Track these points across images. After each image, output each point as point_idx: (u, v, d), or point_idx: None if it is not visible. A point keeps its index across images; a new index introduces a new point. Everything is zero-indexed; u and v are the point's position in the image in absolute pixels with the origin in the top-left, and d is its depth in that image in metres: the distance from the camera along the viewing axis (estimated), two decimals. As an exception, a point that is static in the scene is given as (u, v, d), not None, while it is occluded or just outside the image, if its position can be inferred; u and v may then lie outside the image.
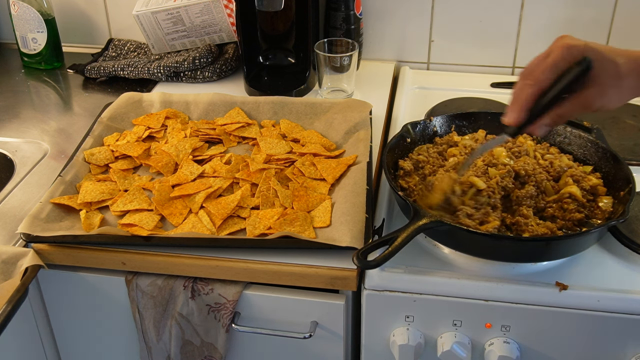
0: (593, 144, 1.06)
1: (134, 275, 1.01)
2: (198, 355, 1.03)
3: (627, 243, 0.95)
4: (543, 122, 0.85)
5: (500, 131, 1.12)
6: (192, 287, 0.99)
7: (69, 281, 1.04)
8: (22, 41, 1.54)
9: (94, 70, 1.48)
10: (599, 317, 0.90)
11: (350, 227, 0.95)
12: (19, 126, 1.33)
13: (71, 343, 1.12)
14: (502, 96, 1.37)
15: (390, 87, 1.44)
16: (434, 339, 0.96)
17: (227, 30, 1.46)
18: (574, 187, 0.98)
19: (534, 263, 0.94)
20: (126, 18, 1.59)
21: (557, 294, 0.90)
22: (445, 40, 1.51)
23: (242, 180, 1.09)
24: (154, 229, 1.00)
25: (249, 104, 1.28)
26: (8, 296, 0.89)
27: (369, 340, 1.00)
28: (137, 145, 1.17)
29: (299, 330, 0.99)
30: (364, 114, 1.22)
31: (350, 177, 1.08)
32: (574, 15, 1.43)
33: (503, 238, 0.91)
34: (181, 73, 1.45)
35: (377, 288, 0.94)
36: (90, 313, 1.07)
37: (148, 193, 1.07)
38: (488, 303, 0.92)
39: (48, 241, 0.98)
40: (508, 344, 0.93)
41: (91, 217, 1.02)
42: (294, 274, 0.95)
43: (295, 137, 1.20)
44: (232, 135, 1.22)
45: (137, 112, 1.28)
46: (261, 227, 0.99)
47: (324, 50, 1.31)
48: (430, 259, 0.96)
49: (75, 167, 1.12)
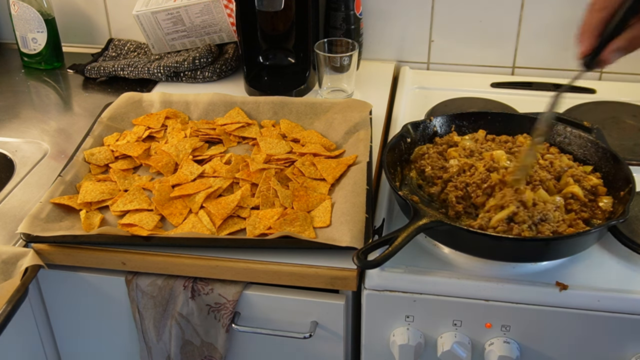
0: (593, 144, 1.06)
1: (134, 275, 1.01)
2: (198, 355, 1.03)
3: (627, 243, 0.95)
4: (615, 46, 0.81)
5: (501, 131, 1.14)
6: (192, 287, 0.99)
7: (69, 281, 1.04)
8: (22, 41, 1.54)
9: (94, 70, 1.48)
10: (599, 317, 0.90)
11: (350, 227, 0.95)
12: (19, 126, 1.33)
13: (71, 343, 1.12)
14: (502, 96, 1.37)
15: (390, 87, 1.44)
16: (434, 339, 0.96)
17: (227, 30, 1.46)
18: (575, 187, 0.98)
19: (534, 263, 0.94)
20: (126, 18, 1.59)
21: (557, 294, 0.90)
22: (445, 40, 1.51)
23: (242, 180, 1.09)
24: (154, 229, 1.00)
25: (249, 104, 1.28)
26: (8, 296, 0.89)
27: (369, 340, 1.00)
28: (137, 145, 1.17)
29: (298, 330, 0.99)
30: (364, 114, 1.22)
31: (350, 177, 1.08)
32: (574, 15, 1.42)
33: (503, 238, 0.91)
34: (181, 73, 1.45)
35: (377, 288, 0.94)
36: (90, 313, 1.07)
37: (148, 193, 1.07)
38: (488, 303, 0.92)
39: (48, 241, 0.98)
40: (508, 344, 0.93)
41: (91, 217, 1.02)
42: (294, 274, 0.95)
43: (295, 137, 1.20)
44: (232, 135, 1.22)
45: (137, 112, 1.28)
46: (261, 227, 0.99)
47: (324, 50, 1.31)
48: (430, 259, 0.96)
49: (75, 167, 1.12)
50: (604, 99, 1.37)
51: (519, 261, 0.93)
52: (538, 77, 1.47)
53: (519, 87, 1.43)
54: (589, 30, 0.82)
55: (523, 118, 1.14)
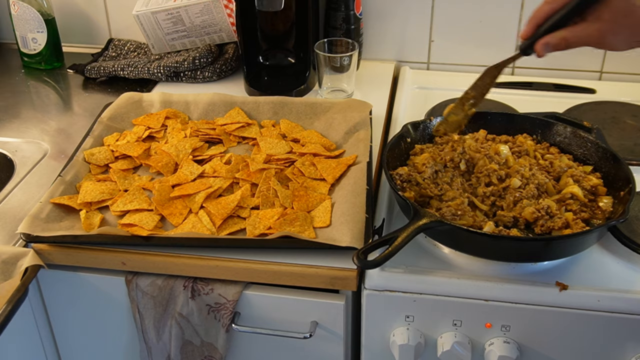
0: (593, 144, 1.06)
1: (134, 275, 1.01)
2: (198, 355, 1.03)
3: (627, 243, 0.95)
4: (545, 40, 0.86)
5: (501, 131, 1.14)
6: (192, 287, 0.99)
7: (69, 281, 1.04)
8: (22, 41, 1.54)
9: (94, 70, 1.48)
10: (599, 317, 0.90)
11: (350, 227, 0.95)
12: (19, 126, 1.33)
13: (71, 343, 1.12)
14: (502, 96, 1.37)
15: (390, 87, 1.44)
16: (434, 339, 0.96)
17: (227, 30, 1.46)
18: (575, 187, 0.98)
19: (534, 263, 0.94)
20: (126, 18, 1.59)
21: (557, 294, 0.90)
22: (445, 40, 1.51)
23: (242, 180, 1.09)
24: (154, 229, 1.00)
25: (249, 104, 1.28)
26: (8, 296, 0.89)
27: (369, 340, 1.00)
28: (137, 145, 1.17)
29: (299, 330, 0.99)
30: (364, 114, 1.22)
31: (350, 177, 1.08)
32: (574, 15, 1.43)
33: (503, 238, 0.91)
34: (181, 73, 1.45)
35: (377, 288, 0.94)
36: (90, 313, 1.07)
37: (148, 193, 1.07)
38: (488, 303, 0.92)
39: (48, 241, 0.98)
40: (508, 344, 0.93)
41: (91, 217, 1.02)
42: (294, 274, 0.95)
43: (295, 137, 1.20)
44: (232, 135, 1.22)
45: (137, 112, 1.28)
46: (261, 227, 0.99)
47: (324, 50, 1.31)
48: (430, 259, 0.96)
49: (75, 167, 1.12)
50: (604, 99, 1.38)
51: (519, 261, 0.93)
52: (538, 77, 1.47)
53: (519, 87, 1.43)
54: (534, 17, 0.87)
55: (523, 118, 1.14)
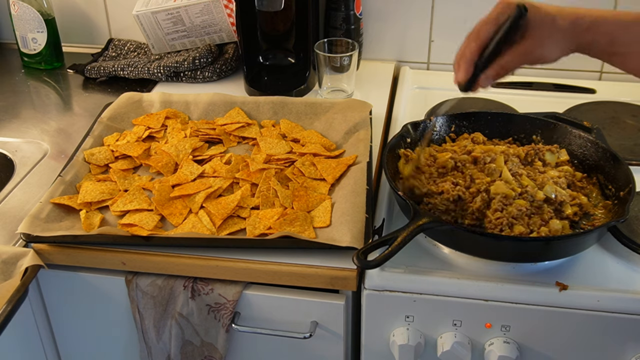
0: (593, 144, 1.06)
1: (134, 275, 1.01)
2: (198, 355, 1.03)
3: (627, 243, 0.95)
4: (487, 74, 0.87)
5: (501, 131, 1.14)
6: (192, 287, 0.99)
7: (69, 281, 1.04)
8: (22, 41, 1.54)
9: (94, 70, 1.48)
10: (599, 317, 0.90)
11: (350, 227, 0.95)
12: (19, 126, 1.33)
13: (71, 343, 1.12)
14: (502, 96, 1.37)
15: (390, 87, 1.44)
16: (434, 339, 0.96)
17: (227, 30, 1.46)
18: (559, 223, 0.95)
19: (534, 263, 0.94)
20: (126, 18, 1.59)
21: (557, 294, 0.90)
22: (445, 40, 1.51)
23: (242, 180, 1.09)
24: (154, 229, 1.00)
25: (249, 104, 1.28)
26: (8, 296, 0.89)
27: (369, 340, 1.00)
28: (137, 145, 1.17)
29: (299, 330, 0.99)
30: (364, 114, 1.22)
31: (350, 177, 1.08)
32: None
33: (503, 238, 0.91)
34: (181, 73, 1.45)
35: (377, 288, 0.94)
36: (90, 313, 1.07)
37: (148, 193, 1.07)
38: (488, 303, 0.92)
39: (48, 241, 0.98)
40: (508, 344, 0.93)
41: (91, 217, 1.02)
42: (294, 274, 0.95)
43: (295, 137, 1.20)
44: (232, 135, 1.22)
45: (137, 112, 1.28)
46: (261, 227, 0.99)
47: (324, 50, 1.31)
48: (430, 259, 0.96)
49: (75, 167, 1.12)
50: (604, 99, 1.38)
51: (519, 261, 0.93)
52: (538, 77, 1.47)
53: (519, 87, 1.43)
54: (464, 59, 0.88)
55: (523, 118, 1.14)
